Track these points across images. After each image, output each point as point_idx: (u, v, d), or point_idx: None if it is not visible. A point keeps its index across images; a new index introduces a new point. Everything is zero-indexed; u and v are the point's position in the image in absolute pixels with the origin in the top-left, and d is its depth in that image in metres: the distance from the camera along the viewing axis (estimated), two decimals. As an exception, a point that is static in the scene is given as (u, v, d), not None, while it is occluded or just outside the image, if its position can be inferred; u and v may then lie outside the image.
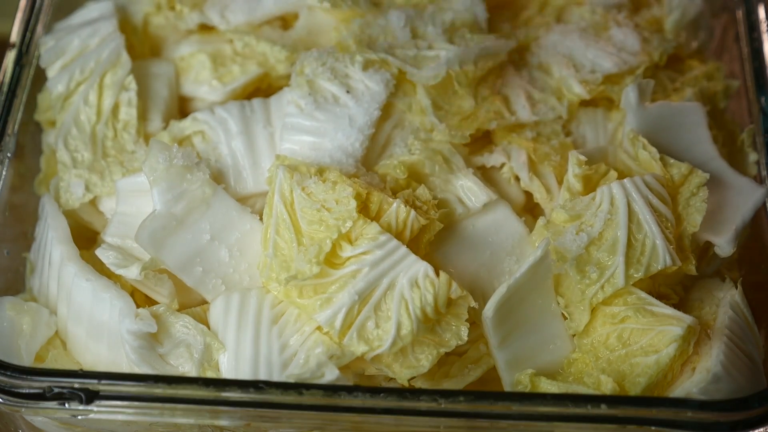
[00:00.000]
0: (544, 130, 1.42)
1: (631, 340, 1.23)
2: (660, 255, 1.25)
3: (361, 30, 1.44)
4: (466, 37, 1.45)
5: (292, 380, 1.20)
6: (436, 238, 1.29)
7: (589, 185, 1.33)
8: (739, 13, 1.54)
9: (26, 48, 1.47)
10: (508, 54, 1.48)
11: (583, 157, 1.34)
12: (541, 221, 1.33)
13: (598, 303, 1.25)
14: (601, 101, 1.47)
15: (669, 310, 1.24)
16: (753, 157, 1.45)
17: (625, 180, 1.30)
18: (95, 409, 1.18)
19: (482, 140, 1.42)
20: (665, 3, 1.58)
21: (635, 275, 1.24)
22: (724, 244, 1.32)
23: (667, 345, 1.20)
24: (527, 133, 1.41)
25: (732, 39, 1.57)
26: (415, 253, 1.23)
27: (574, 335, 1.27)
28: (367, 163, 1.35)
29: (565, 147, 1.40)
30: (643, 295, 1.26)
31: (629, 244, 1.25)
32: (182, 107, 1.49)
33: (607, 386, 1.20)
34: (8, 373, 1.18)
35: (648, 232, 1.26)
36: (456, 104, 1.41)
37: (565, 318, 1.27)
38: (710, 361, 1.21)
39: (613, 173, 1.34)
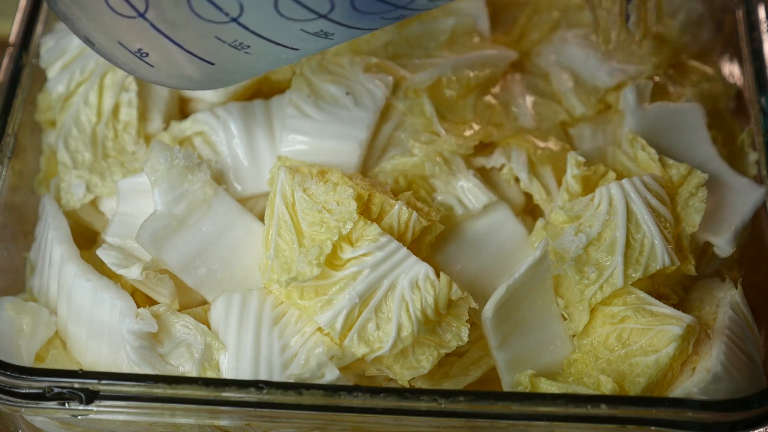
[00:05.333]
0: (544, 132, 1.43)
1: (630, 340, 1.23)
2: (658, 255, 1.25)
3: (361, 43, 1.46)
4: (465, 45, 1.45)
5: (292, 380, 1.20)
6: (436, 239, 1.29)
7: (588, 186, 1.33)
8: (739, 13, 1.54)
9: (26, 48, 1.47)
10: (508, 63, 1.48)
11: (581, 158, 1.34)
12: (540, 222, 1.33)
13: (597, 303, 1.25)
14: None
15: (668, 310, 1.24)
16: (753, 157, 1.44)
17: (623, 180, 1.30)
18: (95, 409, 1.18)
19: (482, 142, 1.42)
20: (665, 7, 1.57)
21: (634, 275, 1.24)
22: (723, 245, 1.32)
23: (666, 344, 1.20)
24: (527, 135, 1.41)
25: (732, 39, 1.57)
26: (417, 254, 1.23)
27: (573, 336, 1.27)
28: (367, 164, 1.36)
29: (564, 148, 1.40)
30: (643, 294, 1.26)
31: (628, 245, 1.25)
32: (182, 107, 1.49)
33: (607, 386, 1.20)
34: (8, 373, 1.18)
35: (646, 232, 1.26)
36: (458, 114, 1.41)
37: (565, 318, 1.27)
38: (710, 361, 1.21)
39: (612, 174, 1.34)
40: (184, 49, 1.13)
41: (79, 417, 1.20)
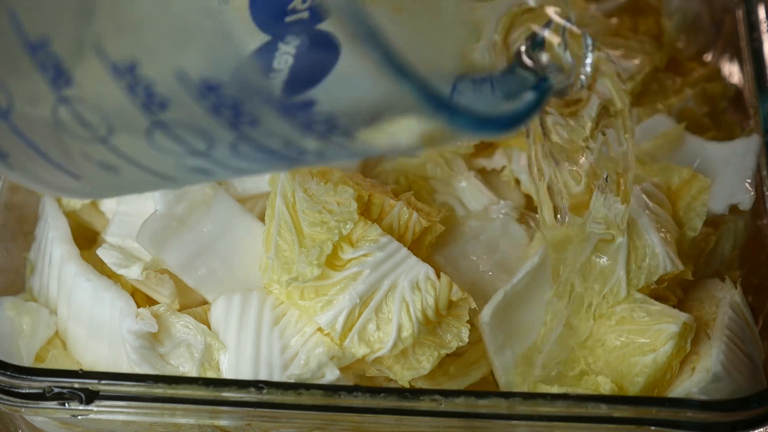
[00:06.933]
0: (544, 133, 1.43)
1: (628, 340, 1.23)
2: (660, 261, 1.25)
3: None
4: None
5: (292, 380, 1.20)
6: (436, 240, 1.29)
7: (588, 192, 1.33)
8: (739, 13, 1.54)
9: (26, 47, 1.46)
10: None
11: (582, 162, 1.34)
12: (539, 235, 1.32)
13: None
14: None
15: (664, 309, 1.24)
16: (752, 157, 1.45)
17: (623, 190, 1.30)
18: (95, 409, 1.18)
19: (483, 142, 1.42)
20: (663, 8, 1.58)
21: (637, 283, 1.24)
22: (744, 199, 1.33)
23: (664, 343, 1.21)
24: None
25: (732, 39, 1.57)
26: (417, 255, 1.23)
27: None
28: (368, 164, 1.36)
29: (565, 150, 1.40)
30: (639, 295, 1.26)
31: (630, 254, 1.25)
32: (182, 107, 1.48)
33: (605, 387, 1.20)
34: (8, 373, 1.17)
35: (648, 240, 1.26)
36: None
37: (567, 328, 1.27)
38: (710, 361, 1.21)
39: (612, 180, 1.34)
40: (46, 159, 1.00)
41: (79, 417, 1.20)
